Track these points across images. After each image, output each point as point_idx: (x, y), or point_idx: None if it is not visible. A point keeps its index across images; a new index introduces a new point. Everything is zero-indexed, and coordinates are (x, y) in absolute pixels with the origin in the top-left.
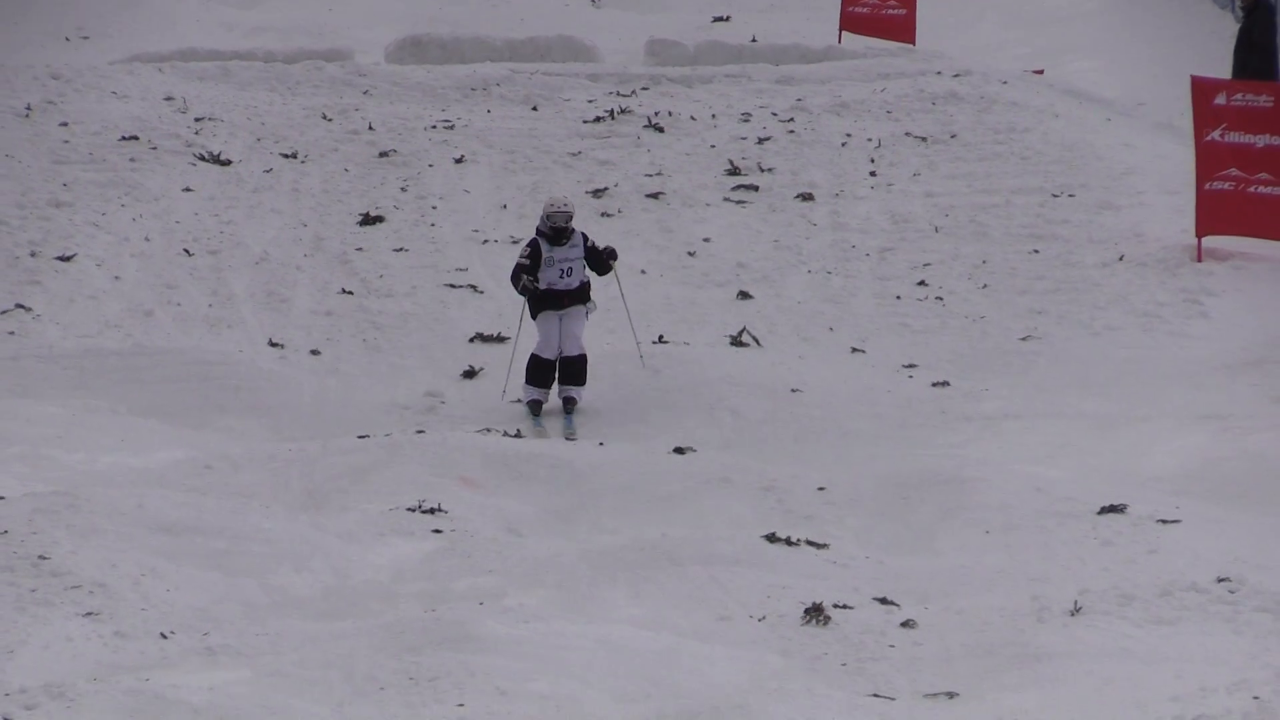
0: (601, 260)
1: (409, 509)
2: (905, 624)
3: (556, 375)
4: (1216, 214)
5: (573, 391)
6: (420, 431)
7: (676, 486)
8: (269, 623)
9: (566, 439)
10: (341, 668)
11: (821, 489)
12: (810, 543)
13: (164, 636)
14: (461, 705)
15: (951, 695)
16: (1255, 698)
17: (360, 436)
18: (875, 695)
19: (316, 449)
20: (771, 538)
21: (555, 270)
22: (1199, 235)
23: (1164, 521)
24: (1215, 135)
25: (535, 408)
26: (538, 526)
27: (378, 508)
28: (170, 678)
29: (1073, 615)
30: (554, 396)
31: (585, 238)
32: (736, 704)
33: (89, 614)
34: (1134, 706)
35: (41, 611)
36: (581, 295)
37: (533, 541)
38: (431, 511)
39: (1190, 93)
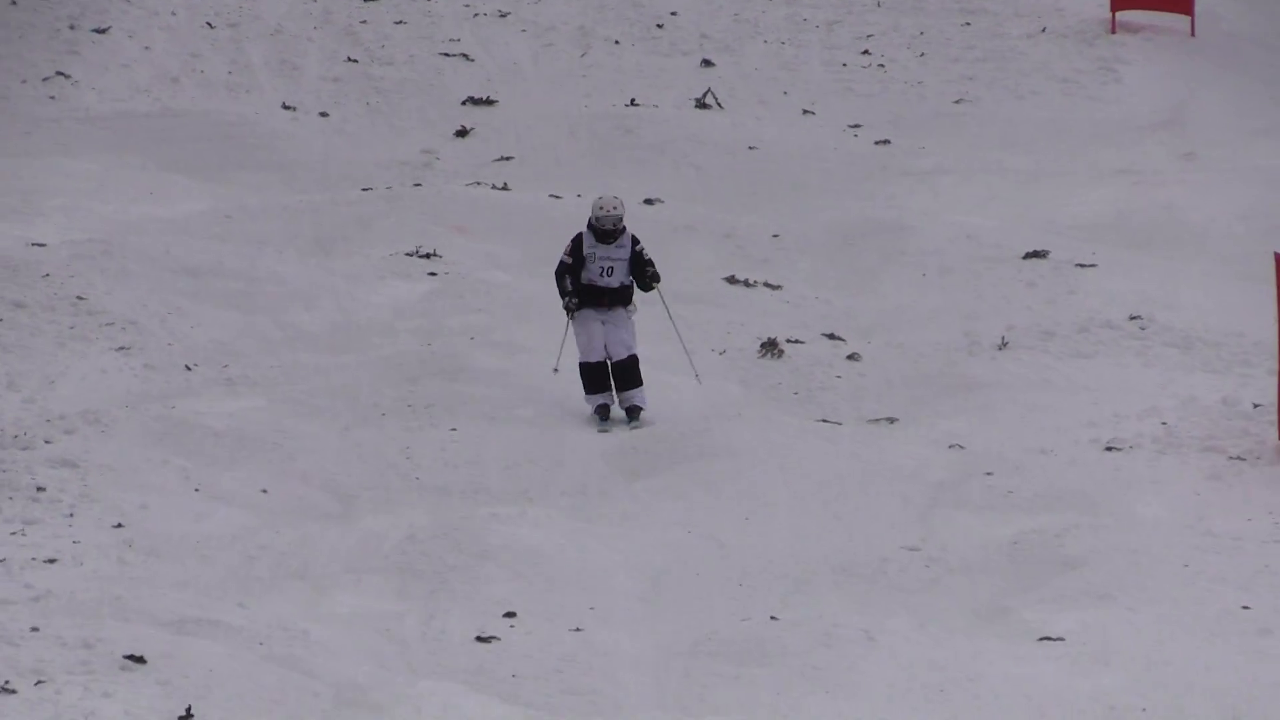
0: (645, 275)
1: (407, 254)
2: (850, 357)
3: (613, 382)
4: None
5: (635, 398)
6: (417, 185)
7: (647, 233)
8: (282, 356)
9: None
10: (347, 396)
11: (776, 236)
12: (766, 284)
13: (188, 369)
14: (454, 430)
15: (891, 420)
16: (1163, 423)
17: (364, 189)
18: (824, 420)
19: (325, 200)
20: (731, 279)
21: (597, 267)
22: (1113, 10)
23: (1082, 265)
24: None
25: (603, 412)
26: (521, 270)
27: (379, 253)
28: (194, 405)
29: (1000, 349)
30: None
31: (635, 240)
32: (701, 429)
33: (121, 349)
34: (1055, 431)
35: (79, 346)
36: (623, 296)
37: (517, 283)
38: (427, 256)
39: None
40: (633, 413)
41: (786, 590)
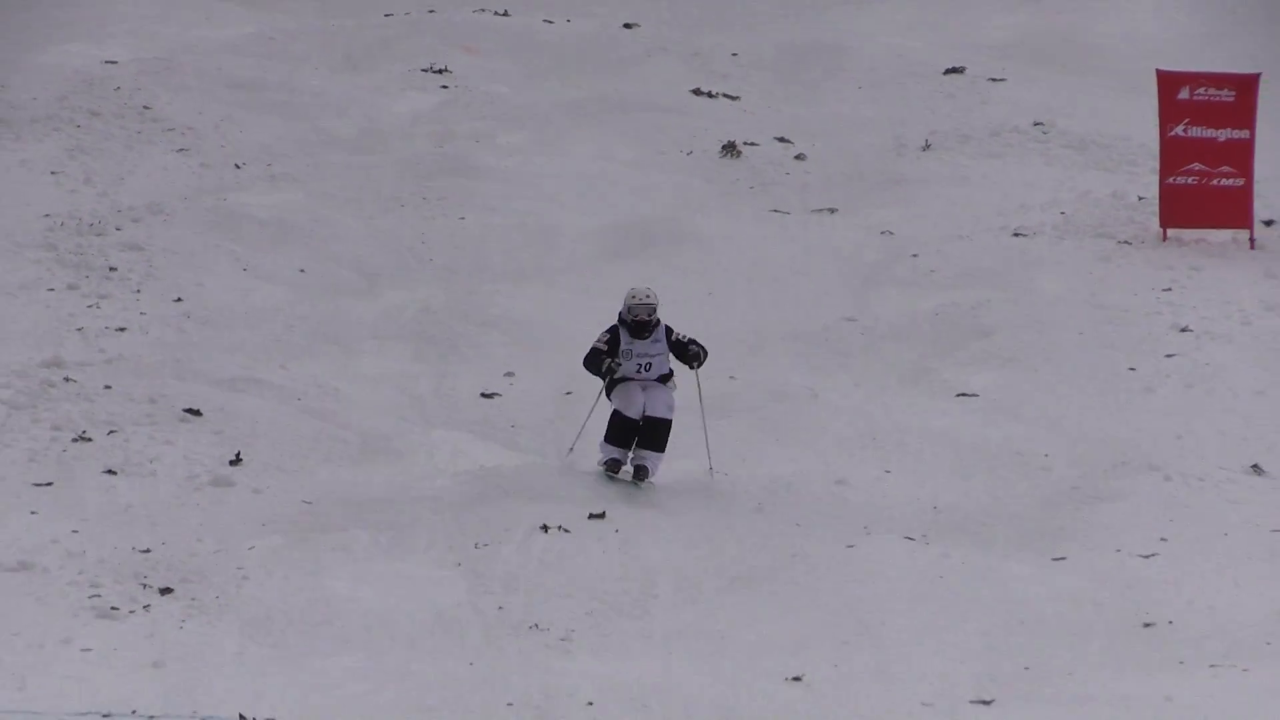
0: (687, 355)
1: (423, 70)
2: (798, 157)
3: (636, 438)
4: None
5: (648, 460)
6: (431, 11)
7: (626, 53)
8: (317, 156)
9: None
10: (371, 189)
11: (735, 55)
12: (726, 95)
13: (237, 167)
14: (462, 218)
15: (832, 210)
16: (1062, 213)
17: (386, 15)
18: (775, 210)
19: (353, 24)
20: (697, 91)
21: (633, 364)
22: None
23: (993, 80)
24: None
25: (613, 466)
26: (521, 84)
27: (399, 69)
28: (242, 198)
29: (924, 151)
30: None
31: (670, 331)
32: (669, 217)
33: (180, 150)
34: (970, 219)
35: (145, 148)
36: (663, 380)
37: (517, 95)
38: (440, 72)
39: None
40: (640, 472)
41: (743, 354)
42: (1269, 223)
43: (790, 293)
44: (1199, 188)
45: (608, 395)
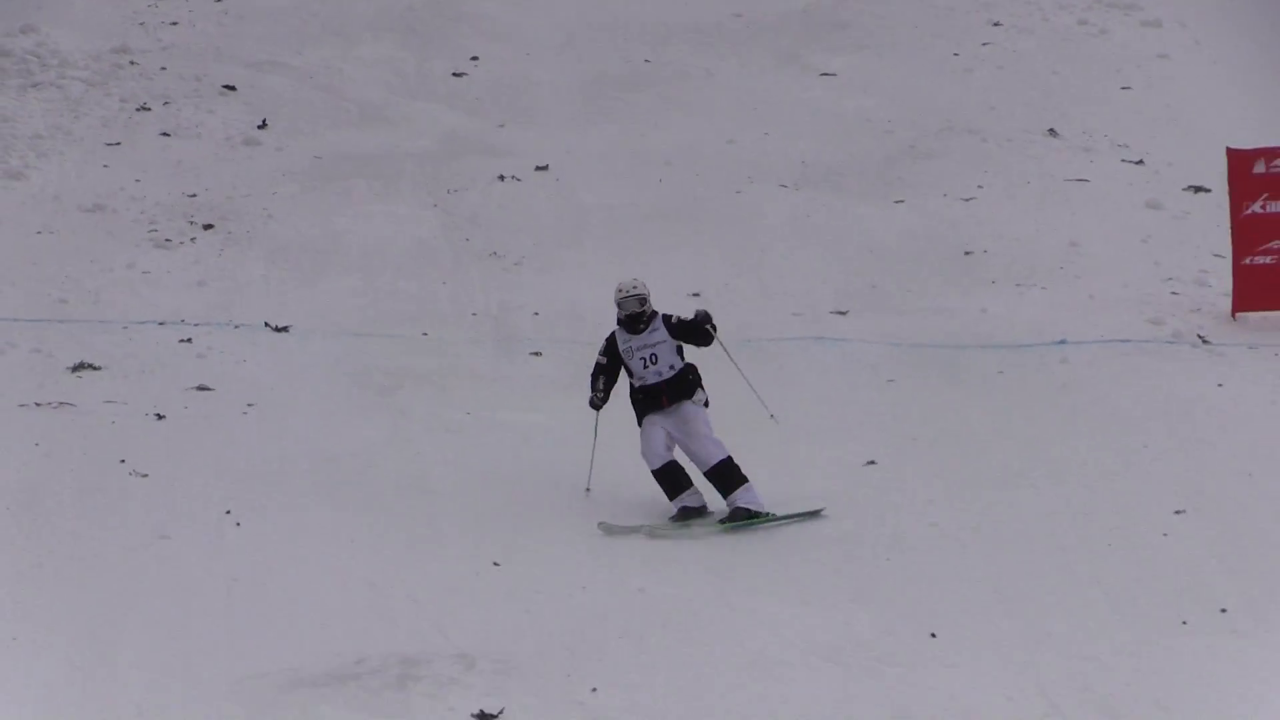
0: (698, 331)
1: None
2: None
3: (714, 485)
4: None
5: (740, 499)
6: None
7: None
8: None
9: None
10: None
11: None
12: None
13: None
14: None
15: None
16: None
17: None
18: None
19: None
20: None
21: (638, 360)
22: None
23: None
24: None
25: (689, 514)
26: None
27: None
28: None
29: None
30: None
31: (668, 318)
32: None
33: None
34: None
35: None
36: (683, 387)
37: None
38: None
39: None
40: (738, 514)
41: (655, 44)
42: None
43: None
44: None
45: (639, 422)
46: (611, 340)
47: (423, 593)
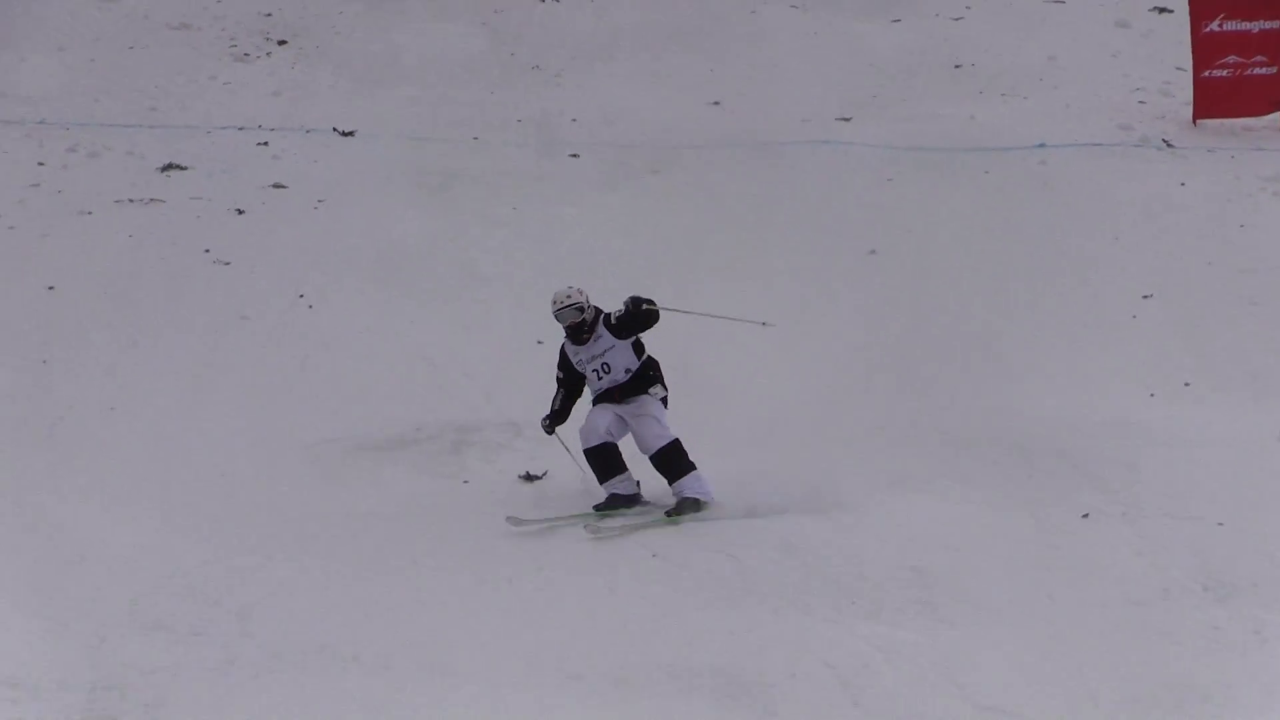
0: (638, 320)
1: None
2: None
3: (660, 472)
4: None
5: (686, 487)
6: None
7: None
8: None
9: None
10: None
11: None
12: None
13: None
14: None
15: None
16: None
17: None
18: None
19: None
20: None
21: (591, 371)
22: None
23: None
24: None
25: (618, 502)
26: None
27: None
28: None
29: None
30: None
31: (608, 318)
32: None
33: None
34: None
35: None
36: (639, 385)
37: None
38: None
39: None
40: (686, 505)
41: None
42: None
43: None
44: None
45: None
46: (564, 353)
47: (475, 368)
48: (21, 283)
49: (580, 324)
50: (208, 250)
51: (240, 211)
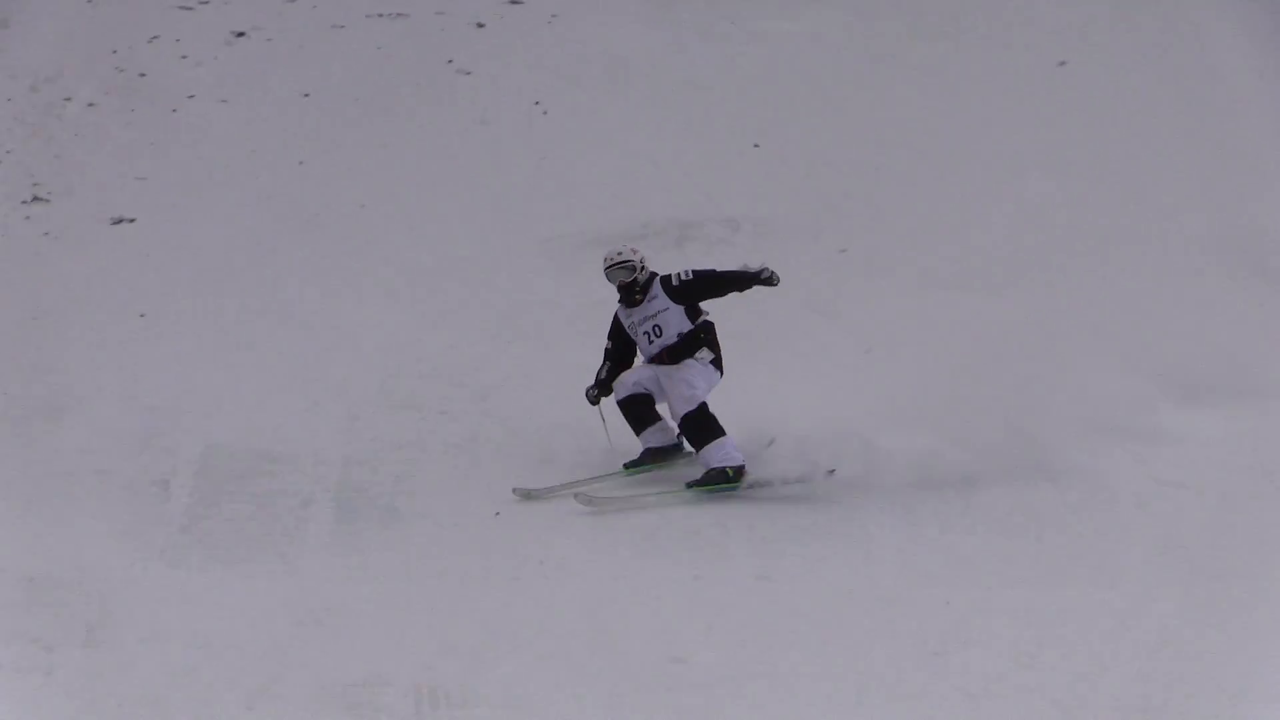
0: (718, 282)
1: None
2: None
3: (687, 440)
4: None
5: (713, 457)
6: None
7: None
8: None
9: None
10: None
11: None
12: None
13: None
14: None
15: None
16: None
17: None
18: None
19: None
20: None
21: (642, 335)
22: None
23: None
24: None
25: (649, 457)
26: None
27: None
28: None
29: None
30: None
31: (667, 280)
32: None
33: None
34: None
35: None
36: (690, 347)
37: None
38: None
39: None
40: (711, 476)
41: None
42: None
43: None
44: None
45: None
46: (616, 320)
47: (694, 168)
48: (279, 91)
49: (632, 284)
50: (450, 61)
51: (480, 25)
